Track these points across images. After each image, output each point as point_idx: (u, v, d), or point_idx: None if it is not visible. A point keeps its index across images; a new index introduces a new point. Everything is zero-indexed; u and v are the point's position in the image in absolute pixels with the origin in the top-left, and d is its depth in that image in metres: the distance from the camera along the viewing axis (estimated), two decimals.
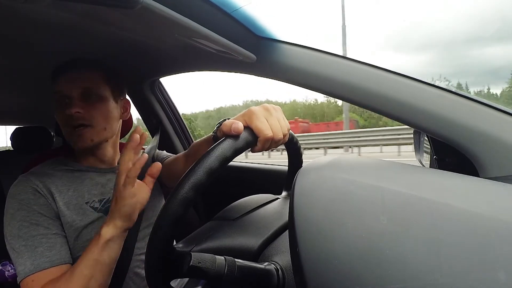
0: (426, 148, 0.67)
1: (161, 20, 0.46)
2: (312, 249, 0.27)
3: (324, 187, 0.33)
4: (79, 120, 0.68)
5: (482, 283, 0.21)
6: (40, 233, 0.62)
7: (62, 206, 0.66)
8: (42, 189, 0.66)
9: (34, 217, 0.63)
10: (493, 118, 0.50)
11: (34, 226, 0.62)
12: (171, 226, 0.35)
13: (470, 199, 0.30)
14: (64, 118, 0.69)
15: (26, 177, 0.68)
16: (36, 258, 0.59)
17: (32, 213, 0.63)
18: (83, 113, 0.68)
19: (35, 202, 0.64)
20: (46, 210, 0.65)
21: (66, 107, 0.68)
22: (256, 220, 0.54)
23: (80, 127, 0.69)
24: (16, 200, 0.64)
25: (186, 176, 0.36)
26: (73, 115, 0.67)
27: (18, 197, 0.64)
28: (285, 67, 0.65)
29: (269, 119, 0.46)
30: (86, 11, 0.49)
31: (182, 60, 0.90)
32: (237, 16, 0.60)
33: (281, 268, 0.42)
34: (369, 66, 0.58)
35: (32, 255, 0.59)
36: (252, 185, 0.92)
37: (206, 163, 0.37)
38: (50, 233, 0.63)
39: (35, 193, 0.65)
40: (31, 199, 0.64)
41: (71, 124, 0.69)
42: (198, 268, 0.38)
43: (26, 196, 0.64)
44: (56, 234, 0.64)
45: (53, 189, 0.67)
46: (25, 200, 0.64)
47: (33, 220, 0.62)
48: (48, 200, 0.66)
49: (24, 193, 0.65)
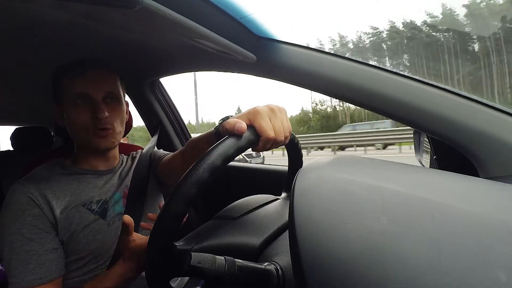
0: (426, 148, 0.67)
1: (161, 20, 0.46)
2: (312, 249, 0.27)
3: (324, 187, 0.33)
4: (107, 124, 0.69)
5: (482, 283, 0.21)
6: (32, 249, 0.62)
7: (59, 214, 0.66)
8: (38, 198, 0.65)
9: (27, 230, 0.63)
10: (493, 118, 0.50)
11: (27, 240, 0.62)
12: (173, 222, 0.35)
13: (470, 199, 0.30)
14: (88, 120, 0.68)
15: (22, 185, 0.67)
16: (27, 275, 0.60)
17: (26, 226, 0.63)
18: (108, 117, 0.69)
19: (30, 213, 0.64)
20: (40, 221, 0.64)
21: (90, 110, 0.68)
22: (257, 219, 0.54)
23: (105, 130, 0.70)
24: (11, 211, 0.64)
25: (189, 173, 0.36)
26: (101, 119, 0.67)
27: (13, 207, 0.64)
28: (285, 67, 0.65)
29: (272, 120, 0.46)
30: (86, 11, 0.49)
31: (182, 60, 0.90)
32: (237, 16, 0.60)
33: (281, 268, 0.42)
34: (369, 66, 0.58)
35: (24, 271, 0.60)
36: (252, 185, 0.92)
37: (209, 161, 0.37)
38: (41, 249, 0.63)
39: (30, 203, 0.65)
40: (26, 210, 0.64)
41: (96, 127, 0.69)
42: (198, 268, 0.38)
43: (21, 206, 0.64)
44: (47, 250, 0.64)
45: (49, 196, 0.67)
46: (20, 211, 0.64)
47: (26, 234, 0.62)
48: (44, 210, 0.65)
49: (19, 203, 0.64)
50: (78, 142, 0.75)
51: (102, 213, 0.72)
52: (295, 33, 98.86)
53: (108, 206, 0.73)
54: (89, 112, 0.68)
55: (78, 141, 0.74)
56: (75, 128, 0.70)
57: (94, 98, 0.69)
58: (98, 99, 0.69)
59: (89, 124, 0.69)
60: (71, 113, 0.69)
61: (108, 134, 0.70)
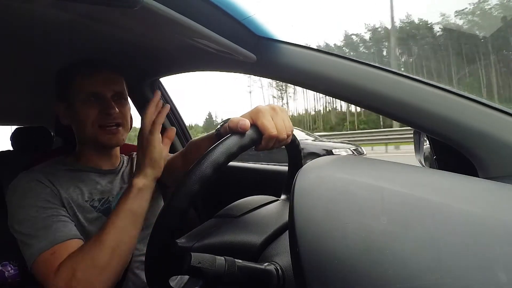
0: (426, 148, 0.67)
1: (161, 20, 0.46)
2: (312, 249, 0.27)
3: (324, 187, 0.33)
4: (117, 119, 0.72)
5: (482, 283, 0.21)
6: (52, 214, 0.61)
7: (65, 200, 0.66)
8: (46, 182, 0.66)
9: (42, 203, 0.62)
10: (493, 118, 0.50)
11: (44, 209, 0.61)
12: (176, 218, 0.35)
13: (470, 199, 0.30)
14: (98, 116, 0.70)
15: (28, 173, 0.68)
16: (50, 235, 0.57)
17: (40, 200, 0.62)
18: (118, 114, 0.71)
19: (42, 191, 0.64)
20: (53, 198, 0.64)
21: (100, 107, 0.70)
22: (258, 218, 0.54)
23: (115, 126, 0.72)
24: (21, 190, 0.63)
25: (192, 170, 0.36)
26: (112, 115, 0.70)
27: (23, 186, 0.64)
28: (285, 67, 0.65)
29: (274, 118, 0.47)
30: (86, 11, 0.49)
31: (182, 60, 0.90)
32: (237, 16, 0.60)
33: (281, 268, 0.42)
34: (369, 66, 0.58)
35: (47, 233, 0.58)
36: (252, 185, 0.92)
37: (212, 157, 0.37)
38: (60, 215, 0.63)
39: (40, 184, 0.65)
40: (37, 187, 0.64)
41: (106, 123, 0.71)
42: (198, 268, 0.38)
43: (32, 185, 0.64)
44: (65, 216, 0.63)
45: (55, 183, 0.67)
46: (31, 188, 0.63)
47: (42, 204, 0.61)
48: (54, 191, 0.65)
49: (29, 184, 0.64)
50: (86, 140, 0.75)
51: (105, 211, 0.72)
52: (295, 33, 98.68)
53: (111, 204, 0.74)
54: (99, 109, 0.70)
55: (85, 139, 0.75)
56: (85, 124, 0.71)
57: (105, 96, 0.71)
58: (108, 96, 0.71)
59: (99, 121, 0.70)
60: (81, 110, 0.70)
61: (118, 131, 0.73)
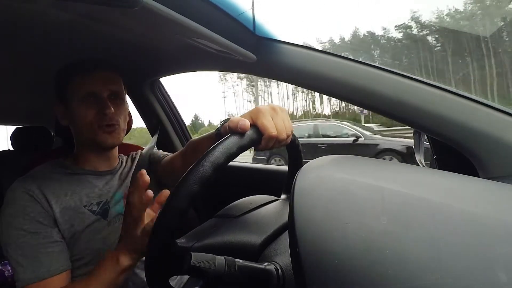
0: (426, 148, 0.67)
1: (161, 20, 0.46)
2: (312, 249, 0.27)
3: (324, 187, 0.33)
4: (113, 119, 0.71)
5: (482, 283, 0.21)
6: (39, 242, 0.62)
7: (59, 213, 0.66)
8: (38, 195, 0.65)
9: (32, 225, 0.63)
10: (493, 118, 0.50)
11: (32, 234, 0.62)
12: (175, 218, 0.35)
13: (470, 199, 0.30)
14: (95, 117, 0.70)
15: (22, 182, 0.67)
16: (35, 269, 0.60)
17: (30, 221, 0.63)
18: (114, 113, 0.71)
19: (32, 210, 0.64)
20: (43, 217, 0.64)
21: (96, 107, 0.70)
22: (258, 218, 0.54)
23: (111, 126, 0.71)
24: (13, 207, 0.64)
25: (192, 170, 0.36)
26: (107, 115, 0.70)
27: (14, 203, 0.64)
28: (285, 67, 0.65)
29: (274, 119, 0.47)
30: (86, 11, 0.49)
31: (182, 60, 0.90)
32: (237, 16, 0.60)
33: (281, 268, 0.42)
34: (369, 66, 0.58)
35: (32, 264, 0.60)
36: (252, 185, 0.92)
37: (212, 157, 0.37)
38: (48, 242, 0.63)
39: (32, 200, 0.65)
40: (28, 206, 0.64)
41: (103, 123, 0.70)
42: (198, 268, 0.38)
43: (23, 203, 0.64)
44: (55, 241, 0.64)
45: (49, 195, 0.67)
46: (22, 207, 0.64)
47: (31, 229, 0.62)
48: (44, 207, 0.65)
49: (20, 199, 0.64)
50: (83, 141, 0.75)
51: (103, 213, 0.72)
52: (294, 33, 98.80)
53: (109, 206, 0.73)
54: (96, 109, 0.70)
55: (83, 139, 0.74)
56: (82, 125, 0.71)
57: (101, 96, 0.70)
58: (104, 96, 0.71)
59: (96, 121, 0.70)
60: (78, 111, 0.70)
61: (114, 130, 0.72)
